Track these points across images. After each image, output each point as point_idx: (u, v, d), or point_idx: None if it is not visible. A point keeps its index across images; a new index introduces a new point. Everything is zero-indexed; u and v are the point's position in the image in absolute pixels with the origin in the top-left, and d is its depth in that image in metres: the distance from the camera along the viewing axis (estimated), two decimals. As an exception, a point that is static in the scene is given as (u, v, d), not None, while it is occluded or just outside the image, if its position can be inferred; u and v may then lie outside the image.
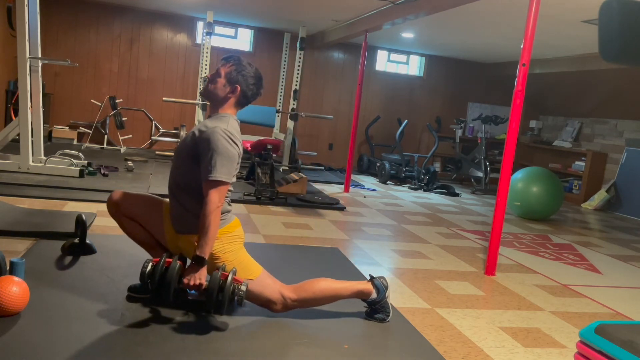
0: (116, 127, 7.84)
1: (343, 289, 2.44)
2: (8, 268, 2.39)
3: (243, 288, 2.18)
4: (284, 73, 8.44)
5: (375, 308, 2.52)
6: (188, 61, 8.50)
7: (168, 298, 2.17)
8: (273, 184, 5.49)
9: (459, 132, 8.75)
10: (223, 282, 2.15)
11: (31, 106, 5.14)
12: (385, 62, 9.44)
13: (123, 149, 7.78)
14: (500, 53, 8.25)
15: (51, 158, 5.30)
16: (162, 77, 8.44)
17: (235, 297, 2.16)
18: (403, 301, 2.89)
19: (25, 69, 4.96)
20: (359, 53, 8.29)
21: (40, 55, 5.27)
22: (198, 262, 2.15)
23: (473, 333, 2.57)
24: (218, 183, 2.19)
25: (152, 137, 8.27)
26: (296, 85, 7.68)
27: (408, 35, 7.68)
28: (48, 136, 7.46)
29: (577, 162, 8.32)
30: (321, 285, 2.41)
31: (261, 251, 3.55)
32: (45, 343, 1.96)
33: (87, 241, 3.03)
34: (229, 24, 8.60)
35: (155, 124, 8.36)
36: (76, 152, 5.85)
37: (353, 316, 2.56)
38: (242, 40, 8.83)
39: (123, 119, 7.82)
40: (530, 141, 9.45)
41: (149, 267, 2.16)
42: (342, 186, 6.91)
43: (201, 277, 2.16)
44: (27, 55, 4.98)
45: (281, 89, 8.47)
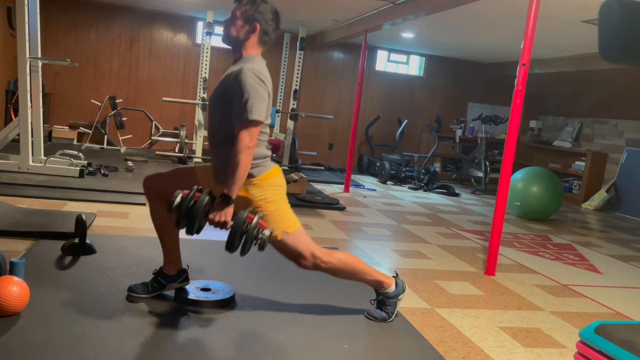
0: (116, 127, 7.84)
1: (367, 272, 2.47)
2: (8, 268, 2.39)
3: (266, 233, 2.14)
4: (284, 73, 8.44)
5: (383, 300, 2.52)
6: (188, 61, 8.50)
7: (191, 231, 2.12)
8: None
9: (459, 132, 8.75)
10: (247, 224, 2.12)
11: (31, 106, 5.14)
12: (385, 62, 9.44)
13: (123, 149, 7.78)
14: (500, 53, 8.25)
15: (51, 158, 5.30)
16: (162, 77, 8.44)
17: (257, 241, 2.13)
18: (403, 301, 2.88)
19: (25, 69, 4.96)
20: (359, 53, 8.29)
21: (40, 55, 5.28)
22: (225, 200, 2.12)
23: (473, 333, 2.57)
24: (248, 123, 2.14)
25: (152, 137, 8.27)
26: (296, 85, 7.68)
27: (408, 35, 7.68)
28: (48, 136, 7.46)
29: (577, 162, 8.32)
30: (351, 259, 2.44)
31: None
32: (45, 343, 1.96)
33: (87, 241, 3.03)
34: (229, 24, 8.58)
35: (155, 124, 8.36)
36: (76, 152, 5.85)
37: (353, 316, 2.56)
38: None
39: (123, 119, 7.82)
40: (530, 141, 9.45)
41: (178, 198, 2.11)
42: (342, 186, 6.90)
43: (227, 215, 2.11)
44: (27, 55, 4.98)
45: (281, 89, 8.47)
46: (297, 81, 7.68)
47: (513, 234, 5.16)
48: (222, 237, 3.80)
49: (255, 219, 2.13)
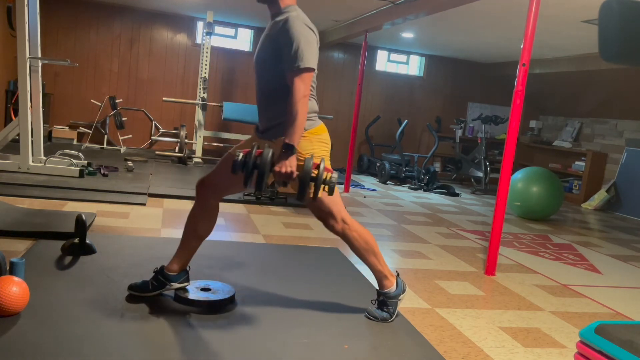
0: (116, 127, 7.84)
1: (379, 259, 2.50)
2: (8, 268, 2.39)
3: (335, 176, 2.15)
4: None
5: (384, 301, 2.53)
6: (188, 61, 8.50)
7: (261, 186, 2.10)
8: (273, 184, 5.49)
9: (459, 132, 8.75)
10: (314, 172, 2.11)
11: (31, 106, 5.14)
12: (385, 62, 9.44)
13: (123, 149, 7.78)
14: (500, 53, 8.25)
15: (51, 158, 5.30)
16: (162, 77, 8.44)
17: (326, 186, 2.13)
18: (403, 301, 2.88)
19: (25, 69, 4.96)
20: (359, 53, 8.29)
21: (40, 55, 5.27)
22: (288, 150, 2.12)
23: (473, 333, 2.57)
24: (301, 70, 2.14)
25: (152, 137, 8.27)
26: (296, 85, 7.67)
27: (408, 35, 7.68)
28: (48, 136, 7.46)
29: (577, 162, 8.32)
30: (371, 239, 2.48)
31: (261, 251, 3.56)
32: (45, 343, 1.96)
33: (87, 241, 3.03)
34: (229, 24, 8.60)
35: (155, 124, 8.36)
36: (76, 152, 5.85)
37: (353, 316, 2.56)
38: (242, 40, 8.83)
39: (123, 119, 7.82)
40: (530, 141, 9.45)
41: (241, 157, 2.10)
42: (342, 186, 6.90)
43: (292, 165, 2.11)
44: (27, 55, 4.98)
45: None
46: (297, 81, 7.67)
47: (513, 234, 5.16)
48: (222, 238, 3.80)
49: (321, 164, 2.13)
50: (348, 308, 2.65)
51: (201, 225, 2.46)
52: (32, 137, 5.19)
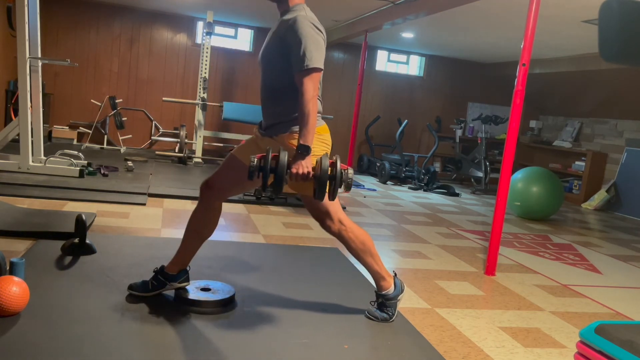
0: (116, 127, 7.84)
1: (376, 260, 2.50)
2: (8, 268, 2.39)
3: (351, 172, 2.14)
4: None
5: (383, 303, 2.53)
6: (188, 61, 8.50)
7: (280, 189, 2.11)
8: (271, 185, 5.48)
9: (459, 132, 8.75)
10: (332, 169, 2.11)
11: (31, 106, 5.14)
12: (385, 62, 9.44)
13: (123, 149, 7.78)
14: (500, 53, 8.25)
15: (51, 158, 5.30)
16: (162, 77, 8.44)
17: (344, 183, 2.13)
18: (403, 301, 2.88)
19: (25, 69, 4.96)
20: (359, 53, 8.29)
21: (40, 55, 5.27)
22: (304, 151, 2.12)
23: (473, 333, 2.57)
24: (310, 71, 2.14)
25: (152, 137, 8.27)
26: (296, 85, 7.67)
27: (408, 35, 7.68)
28: (48, 136, 7.46)
29: (577, 162, 8.32)
30: (368, 240, 2.48)
31: (261, 251, 3.55)
32: (45, 343, 1.96)
33: (87, 241, 3.03)
34: (229, 24, 8.60)
35: (155, 124, 8.36)
36: (76, 152, 5.85)
37: (353, 316, 2.56)
38: (242, 40, 8.83)
39: (123, 119, 7.82)
40: (530, 141, 9.45)
41: (256, 162, 2.09)
42: (342, 186, 6.89)
43: (308, 166, 2.12)
44: (27, 55, 4.98)
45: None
46: (297, 81, 7.67)
47: (513, 234, 5.16)
48: (222, 238, 3.80)
49: (337, 162, 2.13)
50: (348, 308, 2.65)
51: (203, 226, 2.47)
52: (32, 137, 5.19)
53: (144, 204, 4.53)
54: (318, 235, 4.19)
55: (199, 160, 7.44)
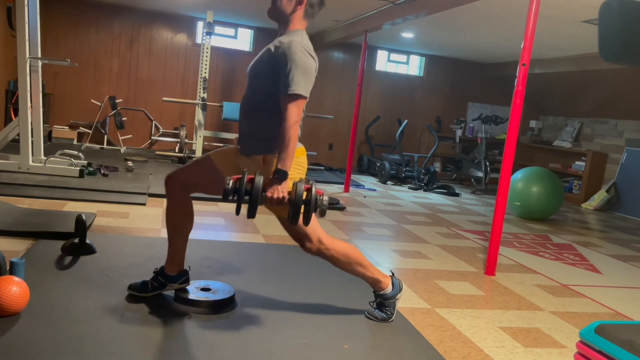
0: (116, 127, 7.84)
1: (367, 268, 2.48)
2: (8, 268, 2.39)
3: (326, 198, 2.15)
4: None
5: (382, 302, 2.53)
6: (188, 61, 8.50)
7: (254, 212, 2.11)
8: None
9: (459, 132, 8.75)
10: (307, 194, 2.12)
11: (31, 106, 5.14)
12: (385, 62, 9.44)
13: (123, 149, 7.78)
14: (500, 53, 8.25)
15: (51, 158, 5.30)
16: (162, 77, 8.44)
17: (318, 208, 2.13)
18: (403, 301, 2.89)
19: (25, 69, 4.96)
20: (359, 53, 8.29)
21: (40, 55, 5.28)
22: (280, 176, 2.13)
23: (473, 333, 2.57)
24: (297, 97, 2.15)
25: (152, 137, 8.27)
26: (296, 85, 7.66)
27: (408, 35, 7.68)
28: (48, 136, 7.46)
29: (577, 162, 8.32)
30: (353, 252, 2.45)
31: (261, 251, 3.55)
32: (45, 343, 1.96)
33: (87, 241, 3.03)
34: (229, 24, 8.60)
35: (155, 124, 8.36)
36: (76, 152, 5.85)
37: (353, 316, 2.56)
38: (242, 40, 8.83)
39: (123, 119, 7.82)
40: (530, 141, 9.45)
41: (232, 183, 2.10)
42: (342, 186, 6.90)
43: (284, 190, 2.13)
44: (27, 55, 4.98)
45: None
46: (297, 81, 7.66)
47: (513, 234, 5.16)
48: (222, 238, 3.80)
49: (313, 188, 2.13)
50: (348, 308, 2.65)
51: (179, 220, 2.46)
52: (32, 137, 5.19)
53: (144, 204, 4.53)
54: (318, 235, 4.19)
55: (199, 160, 7.43)
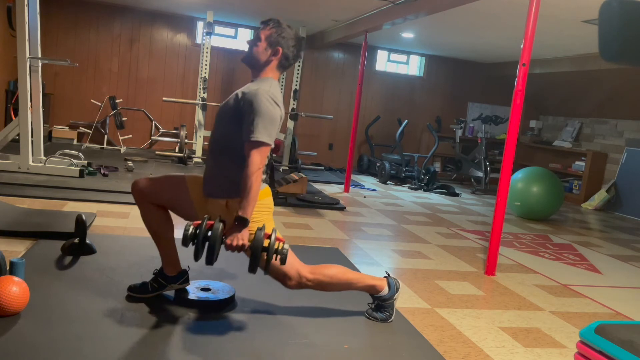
0: (116, 127, 7.84)
1: (357, 280, 2.47)
2: (8, 268, 2.39)
3: (286, 247, 2.16)
4: (284, 73, 8.44)
5: (380, 304, 2.53)
6: (188, 61, 8.50)
7: (212, 260, 2.11)
8: (273, 184, 5.48)
9: (459, 132, 8.75)
10: (266, 242, 2.12)
11: (31, 106, 5.14)
12: (385, 62, 9.44)
13: (123, 149, 7.78)
14: (500, 53, 8.25)
15: (51, 158, 5.30)
16: (162, 77, 8.44)
17: (277, 256, 2.14)
18: (403, 301, 2.89)
19: (25, 69, 4.96)
20: (359, 53, 8.28)
21: (40, 55, 5.27)
22: (241, 223, 2.12)
23: (473, 333, 2.57)
24: (260, 144, 2.16)
25: (152, 137, 8.27)
26: (296, 85, 7.68)
27: (408, 35, 7.68)
28: (48, 136, 7.46)
29: (577, 162, 8.32)
30: (337, 271, 2.44)
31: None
32: (45, 343, 1.96)
33: (87, 241, 3.03)
34: (229, 24, 8.60)
35: (155, 124, 8.36)
36: (76, 152, 5.85)
37: (353, 316, 2.56)
38: (242, 40, 8.83)
39: (123, 119, 7.82)
40: (530, 141, 9.45)
41: (191, 230, 2.11)
42: (342, 186, 6.90)
43: (244, 238, 2.12)
44: (27, 55, 4.98)
45: (281, 89, 8.47)
46: (297, 81, 7.69)
47: (513, 234, 5.16)
48: (222, 237, 3.79)
49: (273, 236, 2.14)
50: (348, 308, 2.65)
51: (158, 226, 2.47)
52: (32, 137, 5.19)
53: (144, 204, 4.52)
54: (318, 235, 4.19)
55: (199, 160, 7.44)
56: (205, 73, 7.38)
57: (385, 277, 2.56)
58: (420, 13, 5.31)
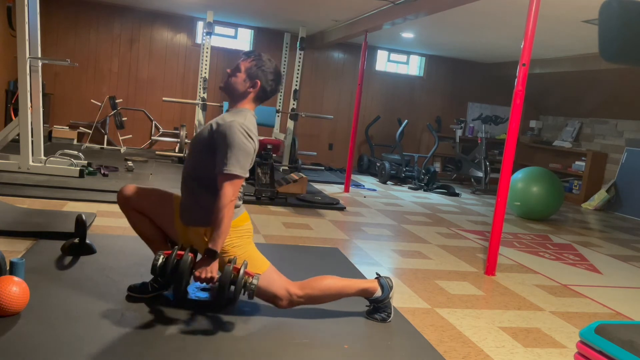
0: (116, 127, 7.84)
1: (348, 287, 2.46)
2: (8, 268, 2.39)
3: (254, 282, 2.17)
4: (284, 73, 8.44)
5: (377, 306, 2.52)
6: (188, 61, 8.50)
7: (179, 291, 2.14)
8: (273, 184, 5.49)
9: (459, 132, 8.75)
10: (235, 276, 2.15)
11: (31, 106, 5.14)
12: (385, 62, 9.44)
13: (123, 149, 7.78)
14: (500, 53, 8.25)
15: (51, 158, 5.30)
16: (162, 77, 8.44)
17: (246, 291, 2.17)
18: (403, 301, 2.89)
19: (25, 69, 4.96)
20: (359, 53, 8.28)
21: (40, 55, 5.27)
22: (210, 256, 2.14)
23: (473, 333, 2.57)
24: (232, 177, 2.18)
25: (152, 137, 8.27)
26: (296, 85, 7.68)
27: (408, 35, 7.68)
28: (48, 136, 7.46)
29: (577, 162, 8.32)
30: (327, 282, 2.43)
31: (261, 251, 3.55)
32: (45, 343, 1.96)
33: (87, 241, 3.03)
34: (229, 24, 8.60)
35: (155, 124, 8.36)
36: (76, 152, 5.85)
37: (353, 316, 2.56)
38: (242, 40, 8.83)
39: (123, 119, 7.82)
40: (530, 141, 9.45)
41: (161, 260, 2.14)
42: (342, 186, 6.90)
43: (212, 271, 2.14)
44: (27, 55, 4.98)
45: (281, 89, 8.47)
46: (297, 81, 7.68)
47: (513, 234, 5.16)
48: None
49: (241, 270, 2.16)
50: (348, 308, 2.65)
51: (147, 233, 2.50)
52: (32, 137, 5.19)
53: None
54: (318, 235, 4.19)
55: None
56: (205, 73, 7.38)
57: (376, 278, 2.54)
58: (420, 13, 5.31)
